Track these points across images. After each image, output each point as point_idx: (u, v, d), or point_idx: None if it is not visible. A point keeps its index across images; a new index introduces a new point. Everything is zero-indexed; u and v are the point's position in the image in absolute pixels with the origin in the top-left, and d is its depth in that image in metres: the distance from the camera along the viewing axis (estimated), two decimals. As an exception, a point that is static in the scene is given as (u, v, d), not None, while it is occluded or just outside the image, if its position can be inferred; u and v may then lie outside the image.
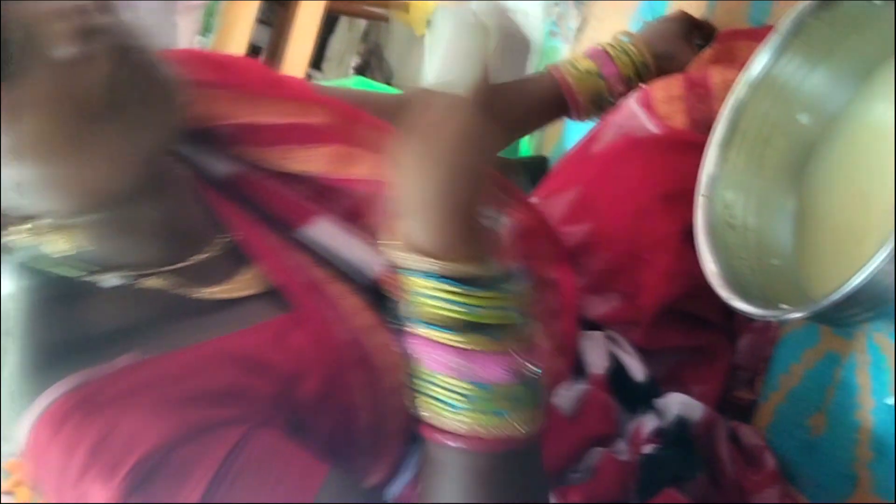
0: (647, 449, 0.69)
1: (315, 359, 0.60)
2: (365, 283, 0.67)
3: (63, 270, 0.60)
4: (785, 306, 0.64)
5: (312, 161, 0.70)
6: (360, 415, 0.62)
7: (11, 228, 0.55)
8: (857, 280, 0.54)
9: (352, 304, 0.65)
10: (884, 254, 0.53)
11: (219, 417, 0.54)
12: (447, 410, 0.51)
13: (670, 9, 1.26)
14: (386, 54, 3.36)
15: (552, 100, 0.96)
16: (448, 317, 0.49)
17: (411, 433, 0.62)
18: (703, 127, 0.80)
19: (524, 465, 0.53)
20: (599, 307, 0.79)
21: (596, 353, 0.75)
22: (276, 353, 0.59)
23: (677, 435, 0.70)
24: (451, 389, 0.50)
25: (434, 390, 0.51)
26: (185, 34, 2.50)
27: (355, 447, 0.62)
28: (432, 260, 0.49)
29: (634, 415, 0.73)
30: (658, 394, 0.73)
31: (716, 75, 0.85)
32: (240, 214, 0.67)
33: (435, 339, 0.50)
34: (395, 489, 0.64)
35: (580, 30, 1.49)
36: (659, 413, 0.72)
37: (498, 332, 0.50)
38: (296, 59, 2.53)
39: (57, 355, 0.57)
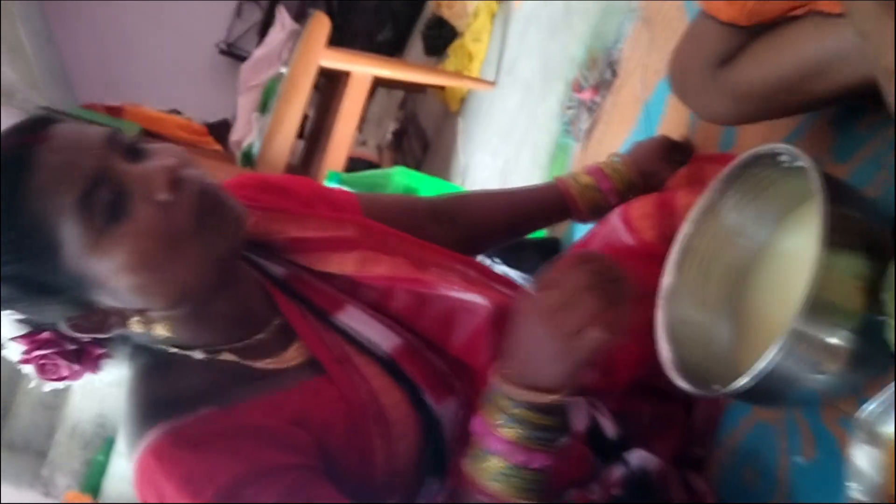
0: (615, 491, 0.92)
1: (342, 410, 0.85)
2: (382, 356, 0.91)
3: (165, 347, 0.85)
4: (716, 387, 0.87)
5: (344, 264, 0.95)
6: (376, 458, 0.85)
7: (130, 320, 0.82)
8: (743, 380, 0.77)
9: (372, 371, 0.89)
10: (763, 363, 0.77)
11: (277, 462, 0.77)
12: (488, 477, 0.79)
13: (663, 119, 1.51)
14: (422, 123, 3.64)
15: (559, 205, 1.20)
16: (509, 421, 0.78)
17: (418, 475, 0.88)
18: (668, 239, 1.03)
19: None
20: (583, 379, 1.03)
21: (578, 414, 0.99)
22: (313, 405, 0.83)
23: (639, 481, 0.92)
24: (497, 467, 0.78)
25: (485, 461, 0.79)
26: (244, 111, 2.78)
27: (374, 485, 0.85)
28: (529, 392, 0.77)
29: (607, 464, 0.96)
30: (627, 448, 0.96)
31: (681, 198, 1.08)
32: (290, 304, 0.92)
33: (499, 433, 0.78)
34: None
35: (589, 131, 1.74)
36: (626, 464, 0.95)
37: (544, 439, 0.78)
38: (344, 130, 2.77)
39: (159, 406, 0.81)
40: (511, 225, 1.20)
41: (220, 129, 3.11)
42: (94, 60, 4.74)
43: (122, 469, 3.22)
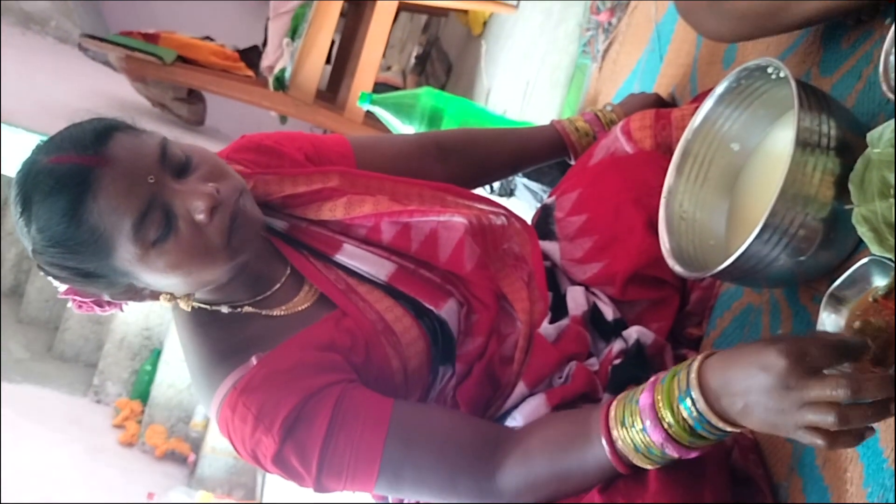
0: (615, 361, 1.07)
1: (358, 333, 1.03)
2: (381, 282, 1.08)
3: (201, 304, 1.03)
4: (708, 271, 1.01)
5: (335, 210, 1.10)
6: (392, 365, 1.04)
7: (161, 297, 1.00)
8: (730, 259, 0.91)
9: (375, 297, 1.06)
10: (745, 244, 0.90)
11: (323, 382, 0.96)
12: (628, 445, 0.84)
13: (673, 39, 1.62)
14: (444, 46, 3.72)
15: (558, 147, 1.36)
16: (681, 427, 0.81)
17: (431, 370, 1.06)
18: (664, 148, 1.17)
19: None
20: (588, 272, 1.17)
21: (576, 301, 1.14)
22: (337, 334, 1.02)
23: (636, 352, 1.07)
24: (645, 442, 0.83)
25: (631, 420, 0.84)
26: (275, 37, 2.88)
27: (396, 389, 1.03)
28: (718, 420, 0.79)
29: (608, 343, 1.11)
30: (625, 328, 1.11)
31: (675, 111, 1.21)
32: (295, 253, 1.08)
33: (662, 423, 0.82)
34: None
35: (605, 51, 1.85)
36: (624, 340, 1.10)
37: (695, 444, 0.82)
38: (371, 55, 2.87)
39: (218, 361, 1.00)
40: (515, 163, 1.36)
41: (251, 55, 3.22)
42: (123, -11, 4.82)
43: (169, 377, 3.45)
